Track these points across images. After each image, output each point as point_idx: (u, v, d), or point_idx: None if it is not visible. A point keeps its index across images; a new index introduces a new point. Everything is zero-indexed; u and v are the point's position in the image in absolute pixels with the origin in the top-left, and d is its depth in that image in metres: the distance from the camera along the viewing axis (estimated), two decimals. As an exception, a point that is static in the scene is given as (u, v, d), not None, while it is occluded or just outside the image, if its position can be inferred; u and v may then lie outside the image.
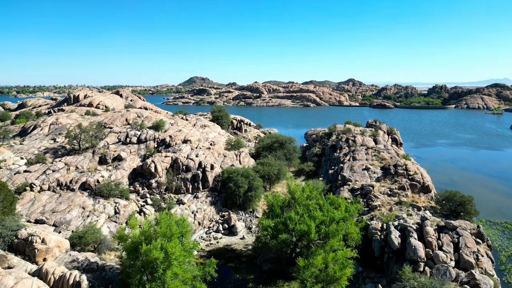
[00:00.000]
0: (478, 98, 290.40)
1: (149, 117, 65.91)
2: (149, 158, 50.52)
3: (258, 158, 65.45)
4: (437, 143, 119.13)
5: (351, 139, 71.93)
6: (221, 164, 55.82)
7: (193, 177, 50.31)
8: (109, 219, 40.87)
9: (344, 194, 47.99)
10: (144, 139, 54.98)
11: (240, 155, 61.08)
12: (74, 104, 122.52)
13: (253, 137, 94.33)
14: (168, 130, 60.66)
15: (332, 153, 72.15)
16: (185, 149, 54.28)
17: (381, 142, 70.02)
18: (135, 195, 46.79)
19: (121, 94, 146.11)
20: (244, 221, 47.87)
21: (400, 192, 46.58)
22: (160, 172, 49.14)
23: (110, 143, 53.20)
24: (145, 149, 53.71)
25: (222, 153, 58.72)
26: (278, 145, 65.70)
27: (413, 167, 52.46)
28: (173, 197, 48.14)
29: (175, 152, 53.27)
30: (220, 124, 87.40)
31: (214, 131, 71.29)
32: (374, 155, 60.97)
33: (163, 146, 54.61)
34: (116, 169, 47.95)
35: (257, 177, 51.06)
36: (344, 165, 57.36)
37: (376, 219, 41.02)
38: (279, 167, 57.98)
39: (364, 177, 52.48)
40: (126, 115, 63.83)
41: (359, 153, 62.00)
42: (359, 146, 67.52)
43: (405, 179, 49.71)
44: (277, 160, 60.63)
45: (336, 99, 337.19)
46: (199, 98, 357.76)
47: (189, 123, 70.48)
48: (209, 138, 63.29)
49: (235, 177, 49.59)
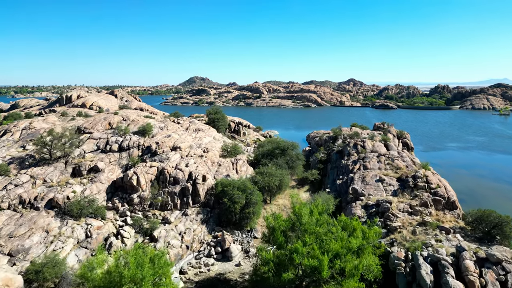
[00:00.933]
0: (483, 99, 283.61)
1: (136, 120, 59.23)
2: (131, 168, 43.82)
3: (257, 165, 58.77)
4: (447, 146, 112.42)
5: (360, 144, 65.23)
6: (215, 174, 49.13)
7: (181, 190, 43.64)
8: (79, 244, 34.18)
9: (356, 211, 41.31)
10: (127, 147, 48.25)
11: (237, 163, 54.37)
12: (67, 105, 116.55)
13: (252, 140, 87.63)
14: (156, 135, 53.97)
15: (339, 159, 65.46)
16: (173, 157, 47.58)
17: (393, 148, 63.28)
18: (113, 213, 40.10)
19: (116, 95, 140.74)
20: (241, 242, 41.15)
21: (423, 209, 39.87)
22: (144, 185, 42.46)
23: (87, 151, 46.48)
24: (128, 158, 46.99)
25: (217, 162, 52.03)
26: (280, 151, 58.93)
27: (435, 178, 45.77)
28: (158, 214, 41.43)
29: (162, 161, 46.57)
30: (216, 127, 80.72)
31: (209, 136, 64.62)
32: (387, 163, 54.24)
33: (149, 154, 47.91)
34: (91, 183, 41.23)
35: (255, 191, 44.36)
36: (354, 176, 50.63)
37: (397, 244, 34.33)
38: (281, 177, 51.31)
39: (379, 190, 45.76)
40: (109, 119, 57.09)
41: (370, 161, 55.29)
42: (369, 153, 60.82)
43: (426, 193, 43.01)
44: (279, 169, 53.95)
45: (338, 99, 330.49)
46: (198, 98, 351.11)
47: (181, 127, 63.79)
48: (202, 144, 56.60)
49: (231, 190, 42.91)
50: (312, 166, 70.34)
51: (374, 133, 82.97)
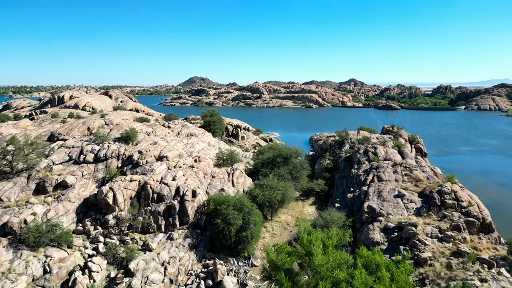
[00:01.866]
0: (489, 99, 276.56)
1: (120, 124, 52.47)
2: (108, 183, 37.07)
3: (256, 175, 52.07)
4: (459, 150, 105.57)
5: (371, 151, 58.48)
6: (208, 188, 42.37)
7: (167, 209, 36.92)
8: (34, 283, 27.48)
9: (375, 235, 34.57)
10: (104, 157, 41.51)
11: (233, 174, 47.62)
12: (59, 106, 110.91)
13: (252, 145, 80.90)
14: (141, 142, 47.26)
15: (347, 168, 58.70)
16: (159, 169, 40.86)
17: (409, 155, 56.54)
18: (82, 238, 33.39)
19: (110, 95, 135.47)
20: (236, 273, 34.39)
21: (455, 234, 33.15)
22: (121, 203, 35.72)
23: (56, 162, 39.72)
24: (105, 170, 40.23)
25: (210, 173, 45.30)
26: (282, 159, 52.13)
27: (465, 194, 39.04)
28: (137, 239, 34.70)
29: (144, 174, 39.85)
30: (212, 130, 74.07)
31: (202, 141, 57.90)
32: (404, 174, 47.48)
33: (129, 165, 41.17)
34: (57, 201, 34.50)
35: (254, 209, 37.63)
36: (368, 189, 43.83)
37: (430, 283, 27.61)
38: (284, 191, 44.65)
39: (399, 208, 39.00)
40: (89, 123, 50.33)
41: (385, 171, 48.55)
42: (382, 161, 54.10)
43: (457, 213, 36.25)
44: (281, 180, 47.28)
45: (339, 99, 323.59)
46: (197, 98, 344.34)
47: (171, 131, 57.07)
48: (194, 152, 49.86)
49: (225, 209, 36.18)
50: (317, 174, 63.57)
51: (384, 138, 76.23)
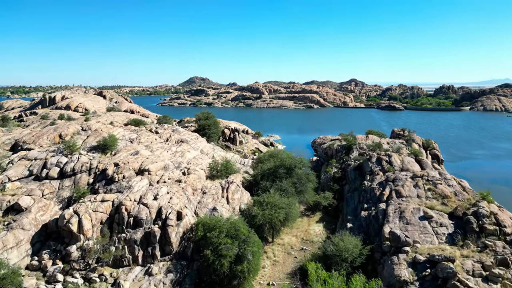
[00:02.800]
0: (495, 99, 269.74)
1: (99, 130, 45.78)
2: (73, 205, 30.38)
3: (256, 189, 45.37)
4: (473, 155, 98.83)
5: (385, 159, 51.77)
6: (197, 208, 35.66)
7: (145, 236, 30.27)
8: None
9: (401, 271, 27.83)
10: (72, 171, 34.83)
11: (228, 189, 40.89)
12: (50, 107, 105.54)
13: (251, 150, 74.21)
14: (121, 151, 40.59)
15: (358, 178, 52.03)
16: (138, 185, 34.19)
17: (428, 165, 49.82)
18: (37, 277, 26.73)
19: (105, 96, 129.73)
20: (229, 318, 27.73)
21: (503, 272, 26.45)
22: (89, 230, 29.06)
23: (13, 178, 33.05)
24: (72, 187, 33.57)
25: (200, 188, 38.59)
26: (284, 171, 45.38)
27: (506, 217, 32.31)
28: (107, 275, 28.03)
29: (120, 192, 33.19)
30: (207, 135, 67.41)
31: (195, 149, 51.23)
32: (428, 188, 40.75)
33: (103, 181, 34.49)
34: (7, 230, 27.82)
35: (252, 235, 30.95)
36: (388, 208, 37.03)
37: None
38: (288, 209, 38.00)
39: (427, 233, 32.29)
40: (61, 129, 43.62)
41: (404, 185, 41.85)
42: (398, 171, 47.45)
43: (500, 242, 29.52)
44: (284, 196, 40.60)
45: (341, 100, 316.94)
46: (196, 99, 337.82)
47: (159, 137, 50.42)
48: (184, 162, 43.17)
49: (215, 237, 29.50)
50: (324, 184, 56.85)
51: (396, 143, 69.62)
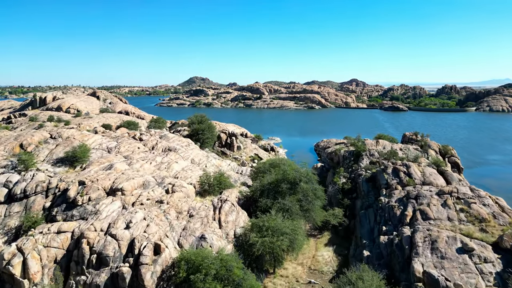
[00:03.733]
0: (501, 100, 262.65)
1: (71, 138, 39.10)
2: (16, 241, 23.72)
3: (254, 207, 38.68)
4: (488, 160, 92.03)
5: (402, 170, 45.05)
6: (181, 236, 28.94)
7: (111, 279, 23.59)
8: None
9: (444, 330, 21.24)
10: (23, 193, 28.17)
11: (221, 209, 34.16)
12: (40, 108, 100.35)
13: (249, 157, 67.56)
14: (92, 164, 33.91)
15: (371, 191, 45.37)
16: (107, 210, 27.53)
17: (454, 177, 43.03)
18: None
19: (98, 96, 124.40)
20: None
21: None
22: (36, 274, 22.41)
23: None
24: (22, 214, 26.91)
25: (187, 210, 31.88)
26: (288, 186, 38.61)
27: None
28: (59, 334, 21.39)
29: (84, 219, 26.54)
30: (201, 140, 60.78)
31: (184, 158, 44.57)
32: (460, 208, 34.08)
33: (63, 205, 27.83)
34: None
35: (247, 278, 24.31)
36: (415, 236, 30.22)
37: None
38: (292, 236, 31.38)
39: (469, 272, 25.57)
40: (24, 137, 36.84)
41: (430, 204, 35.15)
42: (420, 186, 40.78)
43: None
44: (288, 218, 33.95)
45: (342, 100, 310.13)
46: (195, 99, 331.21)
47: (144, 145, 43.77)
48: (168, 177, 36.45)
49: (200, 282, 22.86)
50: (332, 197, 50.15)
51: (409, 149, 63.06)
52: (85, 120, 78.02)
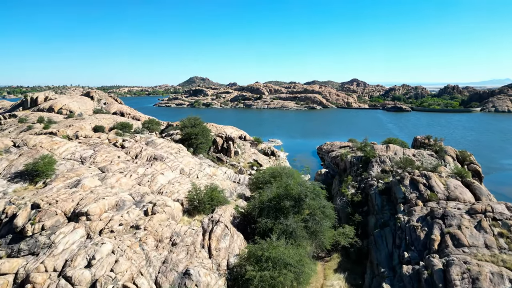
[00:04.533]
0: (507, 100, 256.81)
1: (37, 146, 33.40)
2: None
3: (252, 228, 32.96)
4: (504, 165, 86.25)
5: (422, 182, 39.30)
6: (160, 272, 23.21)
7: None
8: None
9: None
10: (-43, 221, 22.56)
11: (212, 233, 28.39)
12: (31, 108, 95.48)
13: (248, 163, 61.83)
14: (56, 180, 28.20)
15: (386, 206, 39.64)
16: (64, 242, 21.82)
17: (483, 191, 37.35)
18: None
19: (92, 96, 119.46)
20: None
21: None
22: (-42, 336, 16.75)
23: None
24: (-47, 249, 21.26)
25: (169, 236, 26.14)
26: (291, 203, 32.84)
27: None
28: None
29: (34, 254, 20.86)
30: (194, 145, 55.08)
31: (172, 168, 38.83)
32: (498, 233, 28.39)
33: (8, 236, 22.11)
34: None
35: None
36: (450, 270, 24.55)
37: None
38: (298, 269, 25.68)
39: (527, 325, 19.99)
40: (-20, 146, 31.22)
41: (461, 226, 29.44)
42: (445, 202, 35.07)
43: None
44: (293, 244, 28.25)
45: (344, 100, 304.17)
46: (194, 99, 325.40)
47: (126, 154, 38.06)
48: (150, 194, 30.73)
49: None
50: (340, 211, 44.33)
51: (423, 154, 57.31)
52: (77, 122, 73.57)
